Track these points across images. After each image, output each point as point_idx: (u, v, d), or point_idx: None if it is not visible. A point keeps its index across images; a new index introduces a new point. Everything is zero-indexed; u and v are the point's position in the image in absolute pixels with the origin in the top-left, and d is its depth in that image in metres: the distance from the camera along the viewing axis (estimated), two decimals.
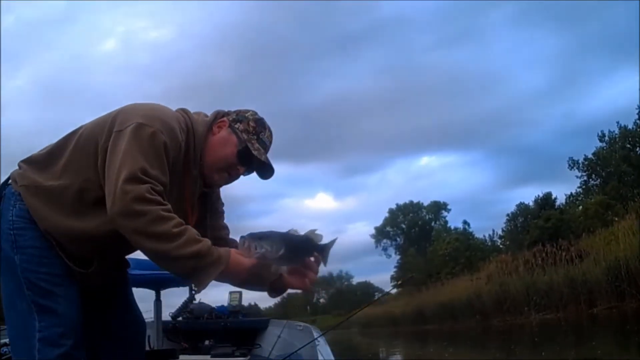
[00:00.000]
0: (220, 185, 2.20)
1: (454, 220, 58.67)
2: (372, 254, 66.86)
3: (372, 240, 65.38)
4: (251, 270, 1.83)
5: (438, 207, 62.02)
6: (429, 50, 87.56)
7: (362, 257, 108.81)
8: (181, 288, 5.21)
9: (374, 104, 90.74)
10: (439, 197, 63.54)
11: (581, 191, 34.60)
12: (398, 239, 64.45)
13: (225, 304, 5.61)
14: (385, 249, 64.70)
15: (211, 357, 4.61)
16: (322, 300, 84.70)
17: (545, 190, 41.73)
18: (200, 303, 5.50)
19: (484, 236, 45.42)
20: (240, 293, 5.64)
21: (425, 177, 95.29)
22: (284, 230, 1.97)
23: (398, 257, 61.08)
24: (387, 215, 65.01)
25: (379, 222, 65.51)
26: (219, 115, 2.16)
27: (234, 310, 5.52)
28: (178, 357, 4.32)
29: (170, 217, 1.73)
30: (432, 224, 61.36)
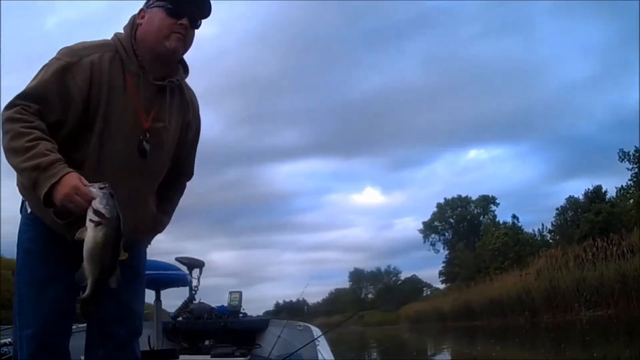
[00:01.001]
0: (177, 50, 2.10)
1: (502, 215, 57.66)
2: (420, 249, 66.31)
3: (420, 235, 64.81)
4: (72, 192, 1.77)
5: (486, 201, 61.08)
6: (475, 40, 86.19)
7: (410, 252, 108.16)
8: (181, 288, 5.29)
9: (420, 96, 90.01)
10: (488, 191, 62.53)
11: (632, 184, 33.52)
12: (446, 234, 63.70)
13: (225, 304, 5.61)
14: (433, 244, 64.06)
15: (211, 357, 4.63)
16: (369, 295, 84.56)
17: (596, 183, 40.60)
18: (200, 303, 5.51)
19: (533, 230, 44.52)
20: (240, 293, 5.65)
21: (473, 171, 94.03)
22: None
23: (446, 252, 60.45)
24: (435, 209, 64.35)
25: (427, 217, 64.88)
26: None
27: (234, 310, 5.51)
28: (178, 357, 4.33)
29: (27, 132, 1.82)
30: (481, 218, 60.45)
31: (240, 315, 5.55)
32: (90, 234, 1.77)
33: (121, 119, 1.99)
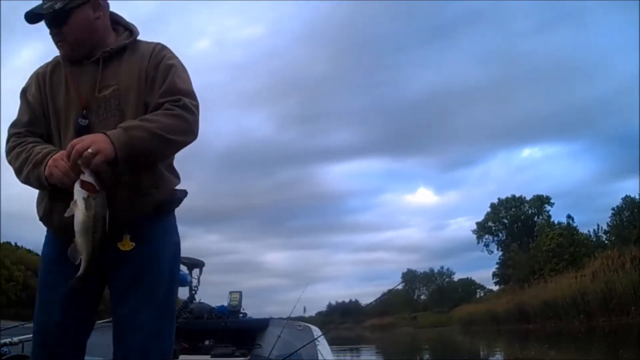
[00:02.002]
0: (67, 54, 2.16)
1: (557, 215, 56.31)
2: (474, 250, 65.27)
3: (474, 236, 63.94)
4: (57, 158, 1.92)
5: (541, 201, 59.84)
6: (528, 36, 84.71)
7: (464, 253, 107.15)
8: (181, 288, 5.35)
9: (473, 94, 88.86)
10: (542, 191, 61.26)
11: None
12: (500, 235, 62.61)
13: (225, 304, 5.57)
14: (487, 245, 62.99)
15: (211, 357, 4.64)
16: (422, 297, 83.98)
17: None
18: (200, 303, 5.49)
19: (589, 231, 43.53)
20: (240, 293, 5.64)
21: (527, 170, 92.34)
22: None
23: (500, 253, 59.50)
24: (488, 210, 63.34)
25: (480, 217, 63.91)
26: None
27: (234, 310, 5.47)
28: (178, 357, 4.30)
29: (22, 149, 2.06)
30: (535, 218, 59.21)
31: (240, 315, 5.51)
32: (81, 207, 1.85)
33: (67, 108, 2.11)
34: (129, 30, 2.26)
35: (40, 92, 2.17)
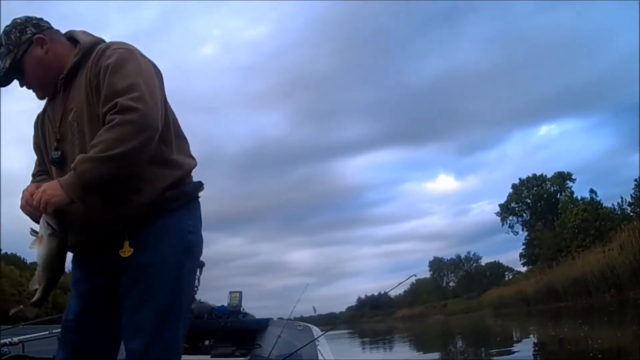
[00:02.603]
0: (40, 97, 2.23)
1: (580, 190, 55.96)
2: (499, 232, 64.88)
3: (498, 218, 63.54)
4: (23, 195, 2.00)
5: (562, 178, 59.28)
6: (533, 15, 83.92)
7: (489, 236, 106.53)
8: None
9: (483, 76, 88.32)
10: (562, 167, 60.96)
11: None
12: (524, 215, 62.17)
13: (225, 304, 5.57)
14: (511, 226, 62.60)
15: (211, 357, 4.63)
16: (451, 284, 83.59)
17: None
18: (200, 303, 5.48)
19: (613, 205, 43.00)
20: (240, 293, 5.64)
21: (546, 147, 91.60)
22: None
23: (525, 233, 59.08)
24: (510, 191, 62.95)
25: (503, 199, 63.52)
26: None
27: (234, 310, 5.46)
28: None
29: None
30: (558, 195, 58.66)
31: (240, 315, 5.49)
32: (44, 243, 1.93)
33: (50, 142, 2.17)
34: (74, 41, 2.19)
35: (38, 135, 2.27)
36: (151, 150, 1.93)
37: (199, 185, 2.20)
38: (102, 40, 2.19)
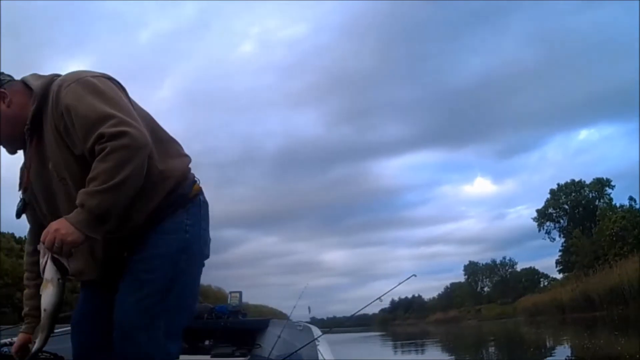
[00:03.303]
0: (11, 153, 2.17)
1: (619, 197, 54.93)
2: (536, 238, 64.03)
3: (535, 224, 62.75)
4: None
5: (601, 184, 58.27)
6: (575, 13, 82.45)
7: (526, 242, 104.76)
8: None
9: (524, 77, 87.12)
10: (602, 173, 59.98)
11: None
12: (561, 221, 61.26)
13: (227, 303, 5.51)
14: (548, 232, 61.75)
15: (211, 357, 4.60)
16: (486, 288, 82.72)
17: None
18: (200, 303, 5.42)
19: None
20: (240, 293, 5.60)
21: (585, 152, 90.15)
22: None
23: (562, 240, 58.21)
24: (548, 196, 62.14)
25: (540, 204, 62.74)
26: None
27: (234, 310, 5.41)
28: (178, 357, 4.35)
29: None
30: (596, 202, 57.70)
31: (240, 315, 5.47)
32: (56, 288, 1.87)
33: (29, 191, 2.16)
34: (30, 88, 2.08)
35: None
36: (146, 166, 1.90)
37: (191, 184, 2.15)
38: (55, 76, 2.07)
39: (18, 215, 2.17)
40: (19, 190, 2.18)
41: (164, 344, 1.99)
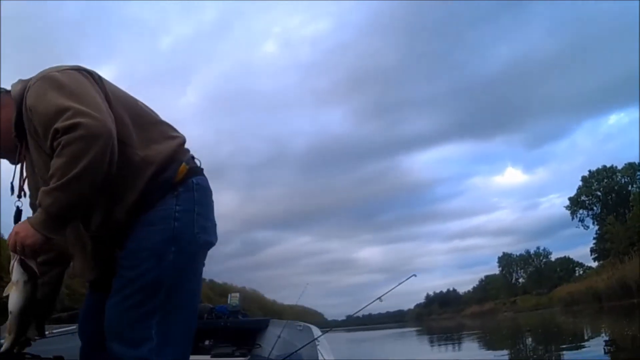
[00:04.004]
0: (11, 162, 2.09)
1: None
2: (569, 227, 63.48)
3: (568, 212, 62.04)
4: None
5: (633, 169, 57.28)
6: None
7: (559, 231, 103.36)
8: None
9: (550, 64, 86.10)
10: (633, 158, 58.55)
11: None
12: (595, 208, 60.48)
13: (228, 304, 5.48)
14: (582, 220, 61.03)
15: (211, 357, 4.57)
16: (521, 280, 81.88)
17: None
18: (200, 303, 5.52)
19: None
20: (240, 293, 5.61)
21: (615, 137, 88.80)
22: None
23: (596, 227, 57.45)
24: (580, 183, 61.44)
25: (572, 192, 62.10)
26: None
27: (234, 310, 5.38)
28: None
29: None
30: (629, 187, 56.83)
31: (240, 315, 5.44)
32: (21, 290, 1.83)
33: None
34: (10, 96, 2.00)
35: None
36: (113, 156, 1.75)
37: (177, 166, 1.94)
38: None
39: (15, 222, 2.02)
40: (12, 195, 2.08)
41: (148, 350, 1.77)
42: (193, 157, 2.05)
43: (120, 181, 1.82)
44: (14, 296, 1.83)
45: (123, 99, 1.97)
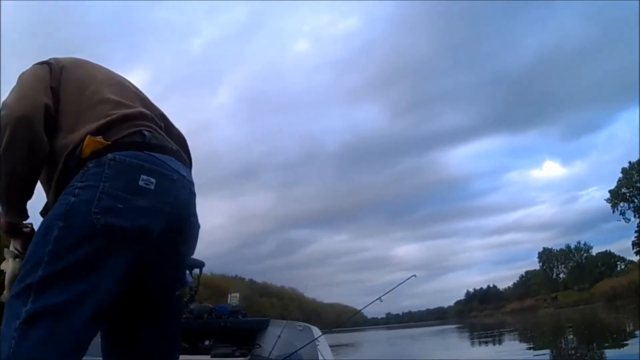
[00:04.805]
0: None
1: None
2: (610, 220, 62.34)
3: (608, 205, 60.78)
4: None
5: None
6: None
7: (600, 224, 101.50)
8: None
9: (585, 52, 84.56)
10: None
11: None
12: (636, 200, 59.14)
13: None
14: (623, 213, 59.69)
15: (211, 357, 4.58)
16: (561, 275, 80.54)
17: None
18: (200, 303, 5.42)
19: None
20: (240, 293, 5.60)
21: None
22: None
23: (638, 220, 56.17)
24: (620, 175, 60.16)
25: (612, 185, 60.82)
26: None
27: (234, 310, 5.38)
28: (178, 357, 4.30)
29: None
30: None
31: (240, 315, 5.44)
32: (10, 266, 1.88)
33: None
34: None
35: None
36: (30, 143, 1.65)
37: (79, 142, 1.67)
38: None
39: None
40: None
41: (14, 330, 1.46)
42: (143, 133, 1.75)
43: (50, 165, 1.71)
44: (6, 272, 1.88)
45: (80, 83, 1.83)
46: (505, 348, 17.89)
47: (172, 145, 1.84)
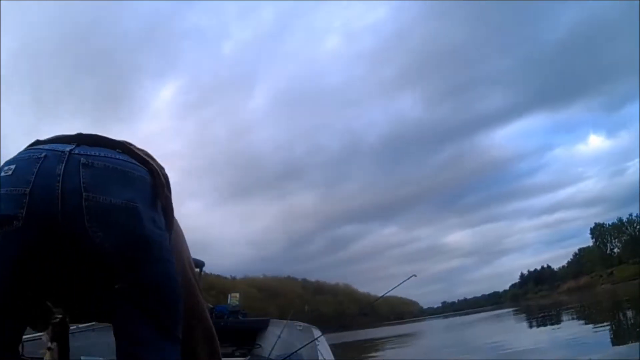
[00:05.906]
0: None
1: None
2: None
3: None
4: None
5: None
6: None
7: None
8: None
9: (622, 19, 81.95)
10: None
11: None
12: None
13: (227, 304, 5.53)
14: None
15: None
16: (616, 250, 78.63)
17: None
18: None
19: None
20: (240, 294, 5.62)
21: None
22: None
23: None
24: None
25: None
26: None
27: (234, 310, 5.38)
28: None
29: None
30: None
31: (240, 315, 5.40)
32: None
33: None
34: None
35: None
36: None
37: None
38: None
39: None
40: None
41: None
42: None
43: None
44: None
45: None
46: (563, 326, 17.78)
47: (78, 135, 1.60)
